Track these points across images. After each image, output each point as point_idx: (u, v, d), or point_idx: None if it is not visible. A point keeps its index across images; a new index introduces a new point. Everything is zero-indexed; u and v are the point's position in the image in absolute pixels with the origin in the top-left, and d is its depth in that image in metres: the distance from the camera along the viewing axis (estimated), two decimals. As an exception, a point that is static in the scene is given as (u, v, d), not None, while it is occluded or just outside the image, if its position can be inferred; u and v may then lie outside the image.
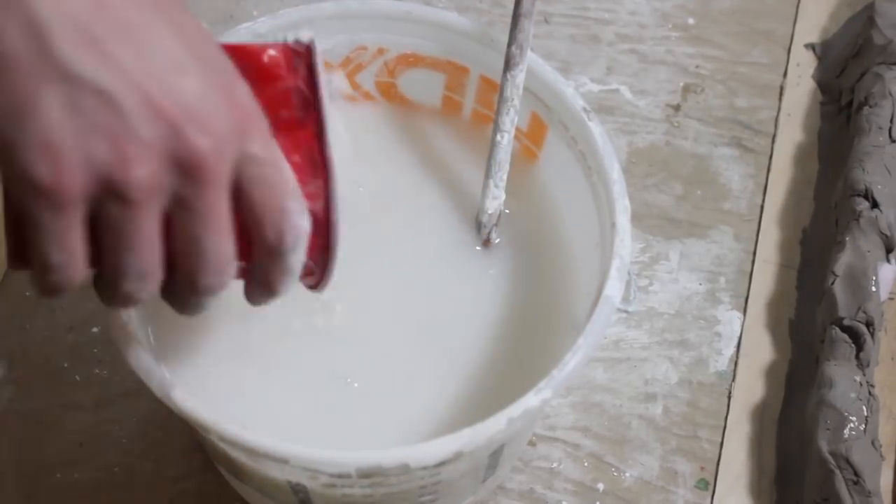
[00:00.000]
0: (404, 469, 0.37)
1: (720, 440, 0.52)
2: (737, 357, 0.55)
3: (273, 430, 0.41)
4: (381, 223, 0.47)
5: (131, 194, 0.31)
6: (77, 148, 0.30)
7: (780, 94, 0.63)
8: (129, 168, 0.30)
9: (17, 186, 0.30)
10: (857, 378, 0.50)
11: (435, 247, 0.47)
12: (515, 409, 0.38)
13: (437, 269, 0.47)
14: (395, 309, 0.45)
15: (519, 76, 0.44)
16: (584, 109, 0.45)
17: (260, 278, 0.36)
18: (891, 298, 0.55)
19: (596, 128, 0.44)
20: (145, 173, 0.30)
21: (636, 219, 0.44)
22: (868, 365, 0.51)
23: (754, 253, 0.58)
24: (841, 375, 0.50)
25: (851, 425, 0.49)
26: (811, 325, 0.55)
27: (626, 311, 0.56)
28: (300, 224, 0.35)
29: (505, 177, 0.46)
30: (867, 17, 0.62)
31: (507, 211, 0.47)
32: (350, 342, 0.44)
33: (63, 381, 0.52)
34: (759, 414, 0.53)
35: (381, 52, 0.49)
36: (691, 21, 0.66)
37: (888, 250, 0.54)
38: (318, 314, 0.45)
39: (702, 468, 0.52)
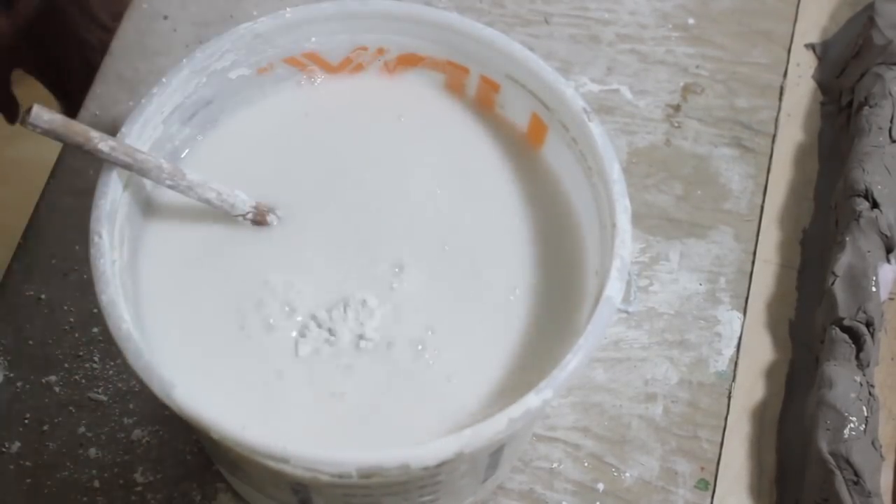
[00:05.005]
0: (405, 469, 0.37)
1: (720, 440, 0.52)
2: (737, 357, 0.55)
3: (274, 429, 0.41)
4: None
5: None
6: None
7: (780, 94, 0.63)
8: None
9: None
10: (857, 378, 0.50)
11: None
12: (516, 410, 0.38)
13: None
14: (396, 311, 0.45)
15: None
16: (585, 110, 0.44)
17: None
18: (891, 298, 0.55)
19: (596, 128, 0.44)
20: None
21: (636, 219, 0.44)
22: (868, 365, 0.51)
23: (754, 253, 0.58)
24: (841, 375, 0.50)
25: (851, 425, 0.49)
26: (811, 325, 0.55)
27: (627, 312, 0.56)
28: None
29: None
30: (867, 17, 0.62)
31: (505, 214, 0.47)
32: (348, 342, 0.44)
33: (63, 382, 0.52)
34: (759, 414, 0.53)
35: (380, 52, 0.48)
36: (691, 21, 0.66)
37: (888, 250, 0.54)
38: (316, 313, 0.45)
39: (702, 468, 0.52)
